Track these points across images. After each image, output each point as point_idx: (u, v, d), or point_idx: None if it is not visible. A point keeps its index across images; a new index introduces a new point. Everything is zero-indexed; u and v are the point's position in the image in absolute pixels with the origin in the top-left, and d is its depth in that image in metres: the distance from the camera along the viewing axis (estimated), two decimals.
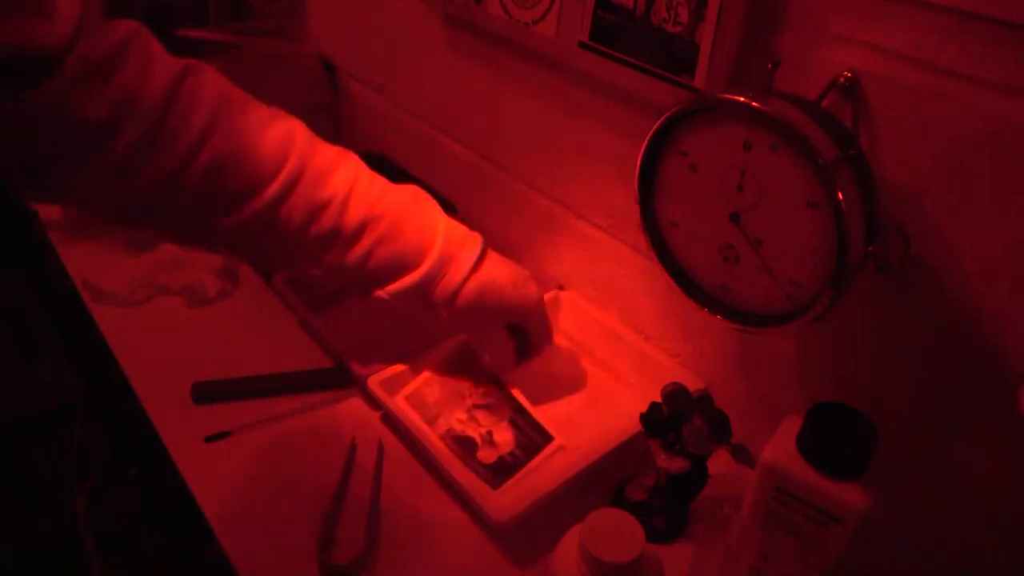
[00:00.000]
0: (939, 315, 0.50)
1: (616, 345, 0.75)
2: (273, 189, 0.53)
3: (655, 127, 0.51)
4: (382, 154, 1.03)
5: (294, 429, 0.69)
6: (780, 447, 0.46)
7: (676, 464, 0.57)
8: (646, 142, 0.52)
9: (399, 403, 0.67)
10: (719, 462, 0.59)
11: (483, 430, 0.66)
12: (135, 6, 1.05)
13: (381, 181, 0.61)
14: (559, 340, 0.77)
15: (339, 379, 0.74)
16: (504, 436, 0.65)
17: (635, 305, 0.75)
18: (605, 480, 0.63)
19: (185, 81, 0.50)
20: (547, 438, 0.65)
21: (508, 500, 0.58)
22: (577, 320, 0.79)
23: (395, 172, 1.00)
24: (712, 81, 0.55)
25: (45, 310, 1.25)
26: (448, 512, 0.62)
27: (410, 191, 0.62)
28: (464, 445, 0.64)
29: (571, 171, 0.76)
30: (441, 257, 0.60)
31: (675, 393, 0.58)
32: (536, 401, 0.69)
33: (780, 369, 0.63)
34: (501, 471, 0.62)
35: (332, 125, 1.12)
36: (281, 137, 0.55)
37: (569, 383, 0.74)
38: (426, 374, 0.70)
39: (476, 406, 0.68)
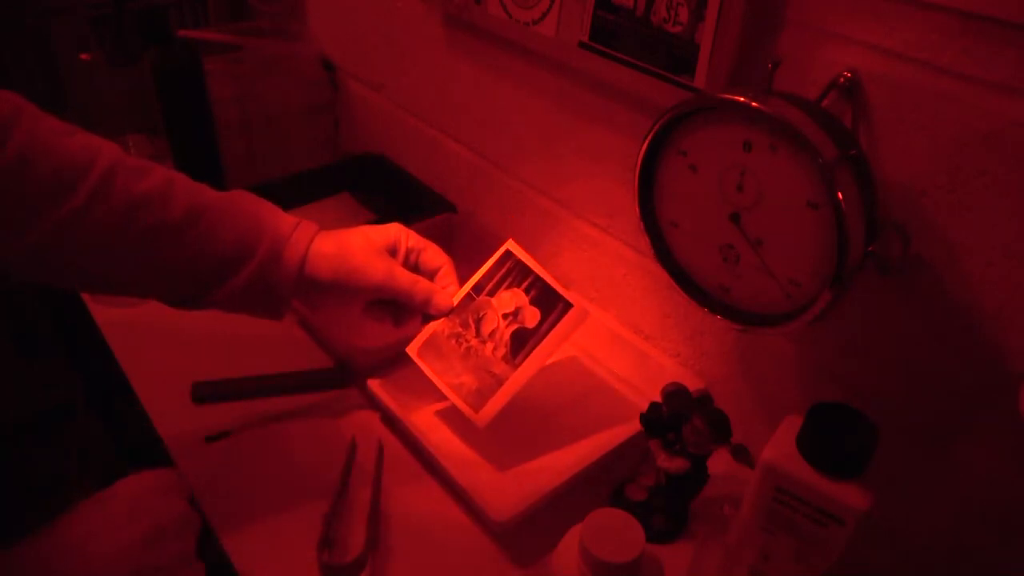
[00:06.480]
0: (939, 315, 0.50)
1: (616, 345, 0.75)
2: (89, 184, 0.50)
3: (655, 127, 0.51)
4: (382, 154, 1.03)
5: (294, 429, 0.69)
6: (780, 447, 0.46)
7: (676, 464, 0.57)
8: (646, 142, 0.52)
9: (399, 404, 0.67)
10: (719, 462, 0.59)
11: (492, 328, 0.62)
12: (135, 6, 1.06)
13: (201, 184, 0.57)
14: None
15: (339, 379, 0.74)
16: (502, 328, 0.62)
17: (635, 305, 0.75)
18: (605, 480, 0.63)
19: None
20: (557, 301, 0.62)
21: (508, 500, 0.58)
22: None
23: (394, 172, 1.00)
24: (712, 81, 0.55)
25: (45, 310, 1.25)
26: (448, 512, 0.62)
27: (233, 191, 0.59)
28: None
29: (571, 171, 0.76)
30: (277, 235, 0.56)
31: (675, 393, 0.58)
32: (535, 401, 0.69)
33: (780, 369, 0.63)
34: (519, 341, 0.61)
35: (332, 125, 1.12)
36: (90, 139, 0.53)
37: (569, 383, 0.74)
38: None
39: (460, 332, 0.63)
